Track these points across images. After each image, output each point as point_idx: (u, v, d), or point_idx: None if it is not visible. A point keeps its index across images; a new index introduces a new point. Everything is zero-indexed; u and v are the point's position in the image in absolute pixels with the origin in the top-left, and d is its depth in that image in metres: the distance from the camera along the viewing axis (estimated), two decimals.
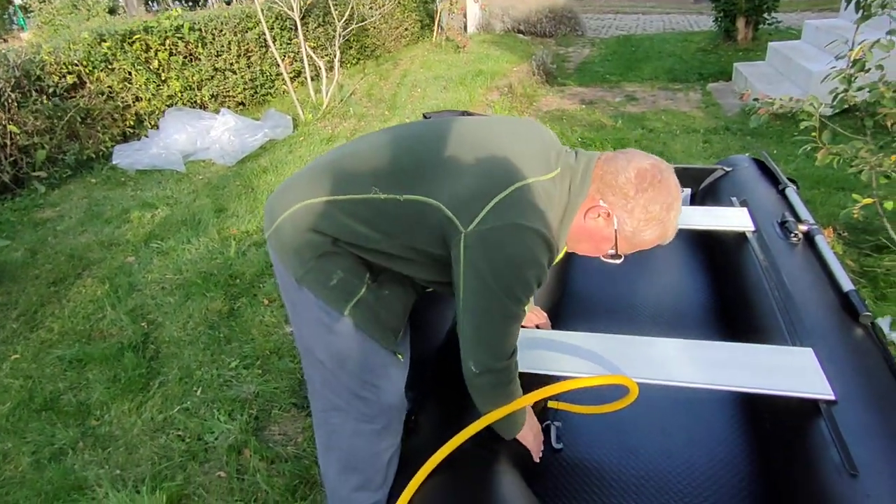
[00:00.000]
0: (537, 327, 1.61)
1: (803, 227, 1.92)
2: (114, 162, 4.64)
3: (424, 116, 2.26)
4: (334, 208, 1.12)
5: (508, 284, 1.04)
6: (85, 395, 2.22)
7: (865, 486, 1.06)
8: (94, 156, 4.65)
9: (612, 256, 1.15)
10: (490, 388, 1.16)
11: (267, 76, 6.06)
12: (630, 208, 1.07)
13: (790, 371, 1.32)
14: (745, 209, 2.11)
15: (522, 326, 1.30)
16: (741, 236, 2.01)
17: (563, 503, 1.34)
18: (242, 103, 5.89)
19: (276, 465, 1.87)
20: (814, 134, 2.47)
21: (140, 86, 4.99)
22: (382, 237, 1.11)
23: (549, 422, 1.49)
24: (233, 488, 1.80)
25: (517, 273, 1.03)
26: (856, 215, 2.43)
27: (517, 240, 1.01)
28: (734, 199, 2.23)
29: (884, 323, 2.18)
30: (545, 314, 1.66)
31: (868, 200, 2.42)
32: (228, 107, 5.55)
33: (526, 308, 1.12)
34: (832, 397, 1.24)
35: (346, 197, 1.11)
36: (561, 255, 1.20)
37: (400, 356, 1.25)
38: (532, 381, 1.36)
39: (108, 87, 4.79)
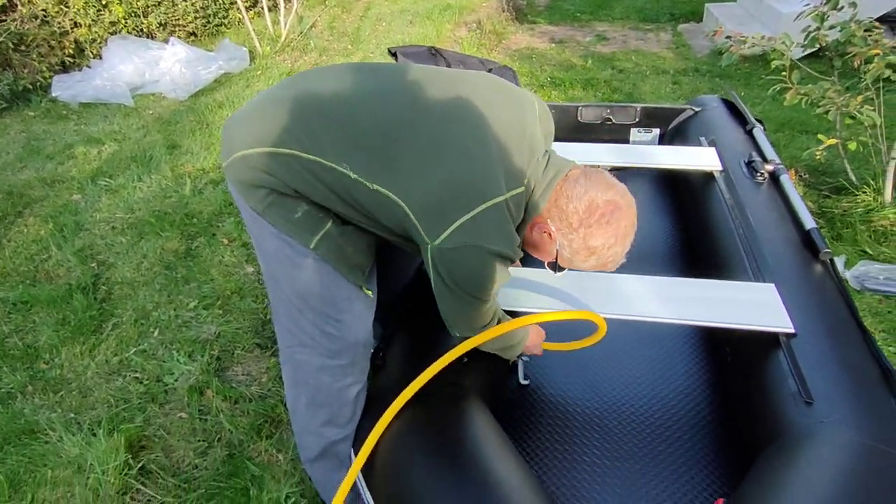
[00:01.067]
0: None
1: (769, 167, 1.93)
2: (53, 94, 4.30)
3: (389, 52, 2.12)
4: (298, 164, 1.06)
5: (471, 292, 1.09)
6: (32, 339, 2.12)
7: (820, 413, 1.10)
8: (30, 87, 4.29)
9: (554, 268, 1.16)
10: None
11: (220, 4, 5.63)
12: (570, 238, 1.09)
13: (753, 306, 1.34)
14: (713, 149, 2.10)
15: None
16: (709, 175, 2.01)
17: (529, 436, 1.37)
18: (194, 33, 5.50)
19: (239, 405, 1.84)
20: (784, 74, 2.45)
21: (78, 10, 4.57)
22: (347, 207, 1.09)
23: (517, 358, 1.49)
24: (195, 429, 1.76)
25: (478, 285, 1.08)
26: (818, 156, 2.46)
27: (479, 261, 1.04)
28: (703, 138, 2.22)
29: (838, 262, 2.24)
30: None
31: (832, 141, 2.44)
32: (179, 36, 5.16)
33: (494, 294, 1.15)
34: (792, 330, 1.27)
35: (312, 157, 1.05)
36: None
37: (368, 291, 1.22)
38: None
39: (42, 10, 4.37)
